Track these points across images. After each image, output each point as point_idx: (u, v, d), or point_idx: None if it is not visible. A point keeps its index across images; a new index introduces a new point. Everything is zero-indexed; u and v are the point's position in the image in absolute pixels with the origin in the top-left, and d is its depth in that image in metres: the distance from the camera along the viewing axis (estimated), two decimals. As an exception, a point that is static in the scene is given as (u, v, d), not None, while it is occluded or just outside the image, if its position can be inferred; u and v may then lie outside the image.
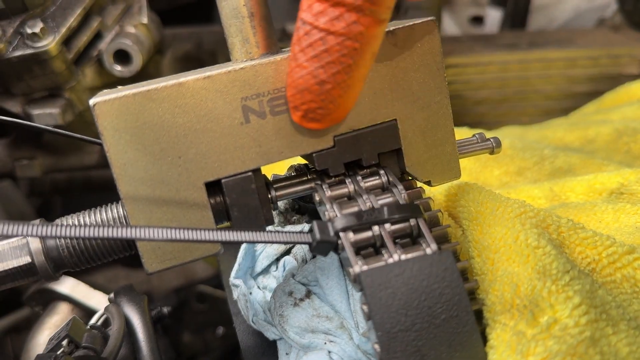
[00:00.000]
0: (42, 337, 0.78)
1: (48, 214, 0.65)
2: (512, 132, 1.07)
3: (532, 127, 1.09)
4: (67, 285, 0.83)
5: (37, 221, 0.49)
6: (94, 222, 0.49)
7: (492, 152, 0.58)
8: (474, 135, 0.58)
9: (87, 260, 0.49)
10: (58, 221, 0.50)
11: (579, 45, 1.38)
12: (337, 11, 0.40)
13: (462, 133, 0.87)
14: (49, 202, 1.42)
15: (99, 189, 1.26)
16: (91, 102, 0.44)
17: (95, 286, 0.84)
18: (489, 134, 0.59)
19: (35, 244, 0.48)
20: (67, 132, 0.64)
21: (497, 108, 1.37)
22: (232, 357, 1.16)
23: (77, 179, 1.25)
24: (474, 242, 0.51)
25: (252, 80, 0.47)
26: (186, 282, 1.36)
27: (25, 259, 0.47)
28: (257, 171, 0.49)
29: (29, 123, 0.66)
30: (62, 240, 0.48)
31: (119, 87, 0.47)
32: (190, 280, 1.37)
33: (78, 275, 0.85)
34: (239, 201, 0.48)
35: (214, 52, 1.27)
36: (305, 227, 0.63)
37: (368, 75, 0.49)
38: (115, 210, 0.49)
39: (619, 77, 1.35)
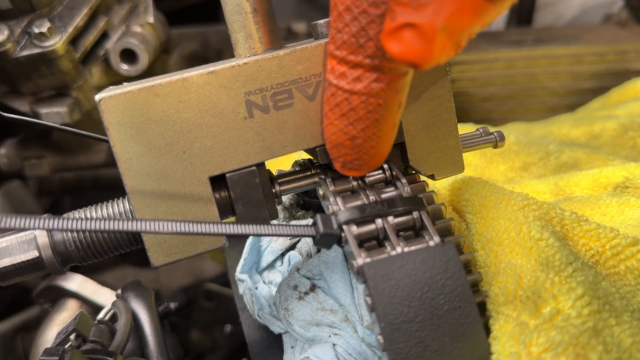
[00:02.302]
0: (51, 333, 0.79)
1: (57, 214, 0.66)
2: (518, 128, 1.07)
3: (537, 123, 1.09)
4: (76, 282, 0.84)
5: (45, 215, 0.49)
6: (101, 216, 0.49)
7: (495, 146, 0.58)
8: (477, 130, 0.59)
9: (94, 255, 0.50)
10: (65, 215, 0.50)
11: (585, 42, 1.38)
12: (357, 72, 0.41)
13: (468, 129, 0.87)
14: (58, 202, 1.43)
15: (108, 188, 1.27)
16: (97, 97, 0.45)
17: (104, 285, 0.85)
18: (494, 130, 0.59)
19: (42, 239, 0.48)
20: (75, 130, 0.65)
21: (503, 105, 1.36)
22: (240, 354, 1.17)
23: (86, 178, 1.26)
24: (478, 235, 0.52)
25: (255, 75, 0.47)
26: (195, 280, 1.37)
27: (33, 253, 0.48)
28: (261, 165, 0.49)
29: (37, 121, 0.67)
30: (69, 235, 0.49)
31: (125, 83, 0.47)
32: (198, 279, 1.38)
33: (87, 273, 0.85)
34: (243, 195, 0.49)
35: (220, 51, 1.28)
36: (310, 222, 0.63)
37: None
38: (121, 205, 0.50)
39: (625, 73, 1.35)
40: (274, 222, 0.62)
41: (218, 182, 0.49)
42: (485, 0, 0.37)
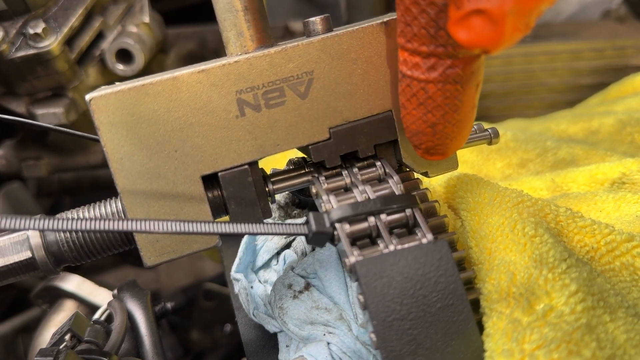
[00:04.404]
0: (49, 333, 0.79)
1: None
2: (516, 124, 1.07)
3: (536, 120, 1.08)
4: (73, 283, 0.84)
5: (37, 216, 0.49)
6: (93, 217, 0.49)
7: (490, 143, 0.58)
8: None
9: (87, 255, 0.50)
10: (58, 216, 0.50)
11: (583, 38, 1.37)
12: (431, 61, 0.41)
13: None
14: (58, 203, 1.43)
15: (107, 188, 1.27)
16: (87, 97, 0.45)
17: (104, 286, 0.85)
18: (489, 127, 0.59)
19: (35, 239, 0.48)
20: (70, 130, 0.65)
21: (501, 101, 1.36)
22: (240, 354, 1.17)
23: (85, 178, 1.26)
24: (472, 232, 0.51)
25: (246, 73, 0.47)
26: (195, 280, 1.37)
27: (26, 254, 0.48)
28: (253, 164, 0.49)
29: (33, 122, 0.67)
30: (62, 235, 0.49)
31: (116, 82, 0.47)
32: (198, 278, 1.38)
33: (87, 274, 0.85)
34: (236, 194, 0.48)
35: (218, 50, 1.27)
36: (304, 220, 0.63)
37: (363, 67, 0.49)
38: (113, 205, 0.50)
39: (624, 68, 1.34)
40: (268, 220, 0.62)
41: (210, 181, 0.48)
42: None
